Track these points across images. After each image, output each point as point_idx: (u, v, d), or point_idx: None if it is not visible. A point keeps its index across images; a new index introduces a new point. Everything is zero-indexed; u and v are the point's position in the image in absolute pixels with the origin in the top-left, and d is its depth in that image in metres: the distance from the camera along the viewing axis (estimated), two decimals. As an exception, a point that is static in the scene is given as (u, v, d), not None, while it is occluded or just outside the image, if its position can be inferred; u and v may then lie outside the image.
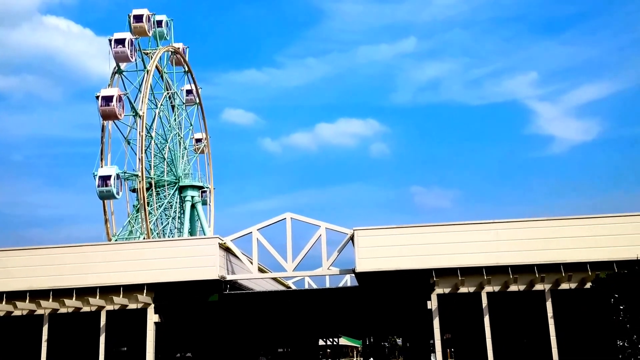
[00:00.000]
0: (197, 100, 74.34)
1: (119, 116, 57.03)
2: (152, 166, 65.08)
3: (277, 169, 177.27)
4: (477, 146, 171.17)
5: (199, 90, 74.41)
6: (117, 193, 57.23)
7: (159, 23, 66.81)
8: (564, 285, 25.82)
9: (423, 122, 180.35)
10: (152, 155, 65.00)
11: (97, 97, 56.17)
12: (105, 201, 60.11)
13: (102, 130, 61.37)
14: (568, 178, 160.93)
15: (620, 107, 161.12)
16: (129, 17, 62.70)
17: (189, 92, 73.95)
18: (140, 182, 58.53)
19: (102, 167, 58.89)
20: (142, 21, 62.63)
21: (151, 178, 63.35)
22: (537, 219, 26.68)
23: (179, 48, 70.53)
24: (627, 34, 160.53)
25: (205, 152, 75.81)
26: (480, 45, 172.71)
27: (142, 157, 58.99)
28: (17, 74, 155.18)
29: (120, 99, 56.82)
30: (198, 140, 75.53)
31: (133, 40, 59.72)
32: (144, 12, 63.31)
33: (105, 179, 56.37)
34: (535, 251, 25.90)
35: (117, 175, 57.09)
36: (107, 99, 55.87)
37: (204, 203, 72.02)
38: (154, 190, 64.10)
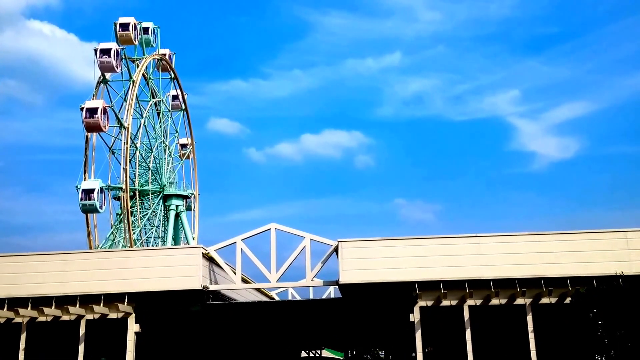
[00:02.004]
0: (183, 107, 74.11)
1: (103, 128, 56.60)
2: (137, 175, 64.65)
3: (261, 179, 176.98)
4: (460, 161, 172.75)
5: (185, 96, 74.21)
6: (100, 207, 56.80)
7: (145, 30, 66.52)
8: (545, 300, 26.11)
9: (407, 136, 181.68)
10: (137, 165, 64.58)
11: (82, 109, 55.64)
12: (88, 214, 59.51)
13: (86, 142, 60.82)
14: (548, 194, 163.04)
15: (599, 126, 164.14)
16: (115, 26, 62.37)
17: (174, 97, 73.68)
18: (124, 193, 58.04)
19: (85, 179, 58.36)
20: (128, 29, 62.38)
21: (135, 189, 62.89)
22: (519, 234, 27.01)
23: (165, 54, 70.33)
24: (606, 54, 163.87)
25: (190, 158, 75.53)
26: (464, 62, 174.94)
27: (126, 168, 58.56)
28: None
29: (105, 111, 56.37)
30: (183, 146, 75.21)
31: (119, 50, 59.45)
32: (130, 20, 63.03)
33: (88, 193, 55.87)
34: (517, 265, 26.19)
35: (101, 188, 56.62)
36: (92, 111, 55.39)
37: (189, 209, 71.62)
38: (137, 199, 63.61)
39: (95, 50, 58.35)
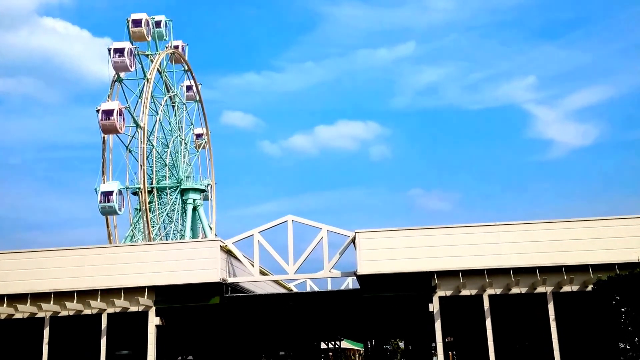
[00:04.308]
0: (197, 97, 74.29)
1: (119, 130, 57.01)
2: (154, 171, 65.10)
3: (277, 172, 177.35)
4: (477, 150, 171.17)
5: (199, 87, 74.37)
6: (119, 209, 57.38)
7: (158, 24, 66.48)
8: (566, 288, 25.78)
9: (422, 126, 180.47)
10: (154, 162, 65.01)
11: (98, 111, 56.08)
12: (108, 216, 60.13)
13: (103, 143, 61.33)
14: (568, 182, 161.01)
15: (618, 112, 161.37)
16: (128, 22, 62.47)
17: (189, 88, 73.86)
18: (142, 194, 58.49)
19: (104, 182, 58.91)
20: (140, 26, 62.44)
21: (153, 187, 63.38)
22: (539, 222, 26.65)
23: (177, 46, 70.47)
24: (624, 39, 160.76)
25: (206, 148, 75.81)
26: (478, 49, 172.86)
27: (144, 168, 58.97)
28: (14, 76, 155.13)
29: (120, 112, 56.74)
30: (198, 136, 75.44)
31: (132, 49, 59.68)
32: (143, 16, 63.03)
33: (107, 195, 56.43)
34: (537, 253, 25.87)
35: (119, 190, 57.18)
36: (108, 113, 55.80)
37: (206, 199, 72.01)
38: (155, 195, 64.03)
39: (109, 49, 58.60)
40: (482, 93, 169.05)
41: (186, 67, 71.96)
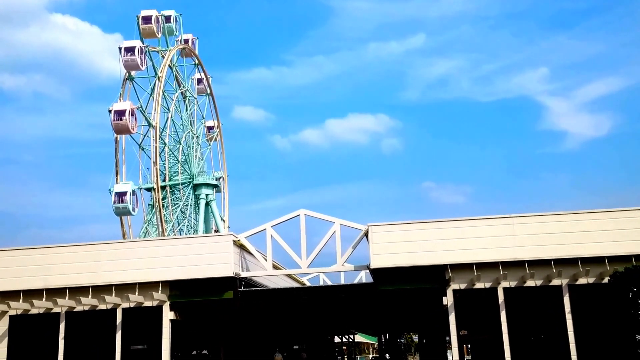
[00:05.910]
0: (208, 90, 74.38)
1: (132, 130, 57.43)
2: (167, 167, 65.40)
3: (288, 167, 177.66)
4: (489, 142, 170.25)
5: (209, 79, 74.43)
6: (133, 209, 57.87)
7: (168, 19, 66.62)
8: (582, 280, 25.51)
9: (434, 119, 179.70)
10: (166, 159, 65.31)
11: (110, 111, 56.44)
12: (122, 217, 60.62)
13: (116, 143, 61.74)
14: (582, 173, 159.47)
15: (632, 102, 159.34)
16: (138, 19, 62.62)
17: (199, 81, 73.99)
18: (155, 192, 58.85)
19: (117, 182, 59.40)
20: (150, 22, 62.63)
21: (166, 184, 63.75)
22: (554, 213, 26.34)
23: (187, 40, 70.57)
24: (637, 28, 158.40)
25: (217, 140, 76.02)
26: (490, 41, 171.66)
27: (157, 167, 59.31)
28: (25, 73, 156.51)
29: (132, 112, 57.10)
30: (210, 129, 75.66)
31: (143, 47, 59.90)
32: (152, 13, 63.14)
33: (121, 195, 56.96)
34: (552, 246, 25.59)
35: (133, 191, 57.65)
36: (120, 113, 56.24)
37: (218, 192, 72.37)
38: (168, 191, 64.39)
39: (120, 48, 58.85)
40: (493, 85, 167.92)
41: (196, 61, 72.08)
